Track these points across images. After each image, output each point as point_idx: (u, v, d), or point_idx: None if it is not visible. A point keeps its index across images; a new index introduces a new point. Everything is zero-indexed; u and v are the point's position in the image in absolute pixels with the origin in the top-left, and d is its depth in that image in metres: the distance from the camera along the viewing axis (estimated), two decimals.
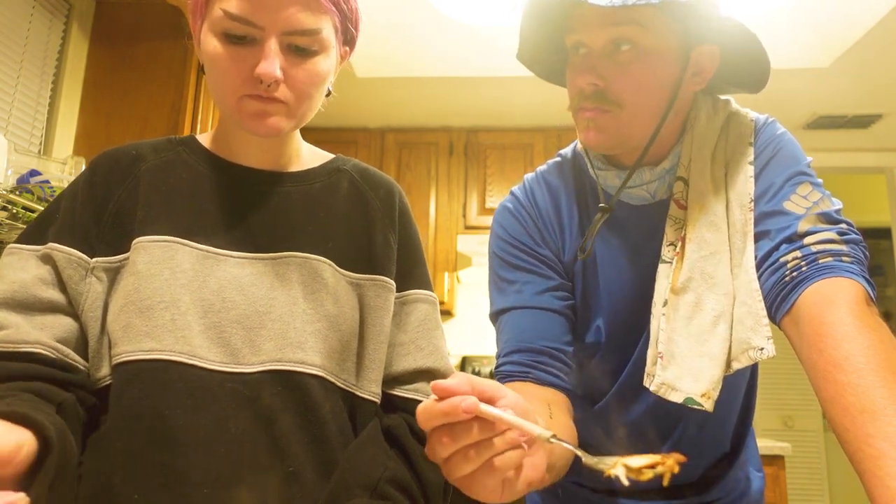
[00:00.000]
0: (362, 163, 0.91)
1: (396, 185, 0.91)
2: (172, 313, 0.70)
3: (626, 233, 0.90)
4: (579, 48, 0.82)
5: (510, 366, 0.85)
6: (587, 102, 0.81)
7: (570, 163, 0.97)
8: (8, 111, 2.02)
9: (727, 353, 0.79)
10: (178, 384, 0.68)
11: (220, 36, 0.72)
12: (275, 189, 0.81)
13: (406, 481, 0.73)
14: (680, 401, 0.79)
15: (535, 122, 3.36)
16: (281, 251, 0.77)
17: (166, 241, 0.73)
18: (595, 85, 0.80)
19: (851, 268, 0.73)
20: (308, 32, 0.72)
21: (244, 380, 0.70)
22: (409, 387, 0.81)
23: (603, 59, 0.80)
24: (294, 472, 0.69)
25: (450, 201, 3.36)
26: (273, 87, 0.71)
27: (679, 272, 0.82)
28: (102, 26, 2.32)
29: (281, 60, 0.72)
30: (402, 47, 2.75)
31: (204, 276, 0.73)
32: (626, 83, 0.80)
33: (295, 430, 0.71)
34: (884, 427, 0.58)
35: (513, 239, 0.93)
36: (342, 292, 0.78)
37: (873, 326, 0.67)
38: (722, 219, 0.83)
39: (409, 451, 0.75)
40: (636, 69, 0.79)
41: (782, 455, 2.57)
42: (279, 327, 0.73)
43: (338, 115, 3.34)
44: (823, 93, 3.03)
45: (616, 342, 0.91)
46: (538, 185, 0.96)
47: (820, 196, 0.80)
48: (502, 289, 0.92)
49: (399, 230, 0.87)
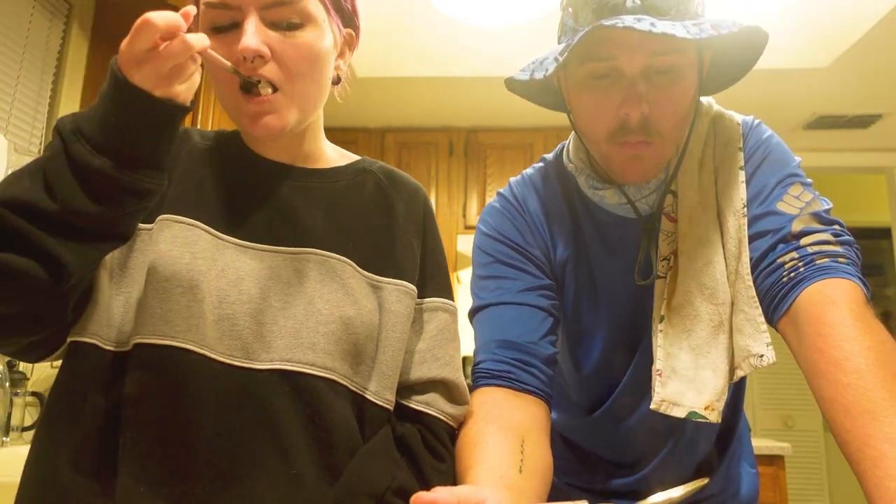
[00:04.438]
0: (389, 165, 0.90)
1: (422, 190, 0.89)
2: (188, 299, 0.69)
3: (621, 246, 0.89)
4: (607, 75, 0.77)
5: (490, 363, 0.83)
6: (634, 135, 0.77)
7: (554, 169, 0.95)
8: (8, 111, 2.02)
9: (729, 362, 0.79)
10: (187, 375, 0.67)
11: (207, 31, 0.72)
12: (299, 184, 0.80)
13: (414, 492, 0.72)
14: (682, 416, 0.78)
15: (535, 122, 3.36)
16: (301, 247, 0.76)
17: (191, 224, 0.73)
18: (643, 115, 0.76)
19: (848, 269, 0.73)
20: (286, 2, 0.71)
21: (253, 377, 0.70)
22: (421, 398, 0.79)
23: (642, 85, 0.76)
24: (297, 475, 0.69)
25: (450, 201, 3.36)
26: (259, 63, 0.70)
27: (674, 286, 0.82)
28: (102, 26, 2.32)
29: (265, 36, 0.70)
30: (402, 47, 2.75)
31: (223, 265, 0.72)
32: (667, 110, 0.77)
33: (300, 432, 0.70)
34: (884, 428, 0.58)
35: (500, 235, 0.91)
36: (361, 294, 0.76)
37: (873, 327, 0.67)
38: (714, 228, 0.82)
39: (420, 461, 0.74)
40: (676, 93, 0.77)
41: (782, 455, 2.57)
42: (292, 325, 0.72)
43: (338, 115, 3.34)
44: (823, 93, 3.03)
45: (610, 356, 0.91)
46: (526, 188, 0.95)
47: (811, 196, 0.80)
48: (484, 286, 0.89)
49: (424, 235, 0.85)
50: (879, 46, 2.61)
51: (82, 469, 0.67)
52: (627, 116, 0.77)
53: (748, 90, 2.00)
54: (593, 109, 0.80)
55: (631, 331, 0.89)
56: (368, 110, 3.34)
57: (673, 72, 0.76)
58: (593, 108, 0.80)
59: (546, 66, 0.78)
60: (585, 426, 0.95)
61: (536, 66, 0.80)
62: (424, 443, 0.76)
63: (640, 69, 0.76)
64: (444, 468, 0.76)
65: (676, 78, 0.77)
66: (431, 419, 0.78)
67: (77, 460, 0.67)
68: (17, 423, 1.92)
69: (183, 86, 0.63)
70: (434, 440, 0.77)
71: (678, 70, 0.77)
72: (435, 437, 0.77)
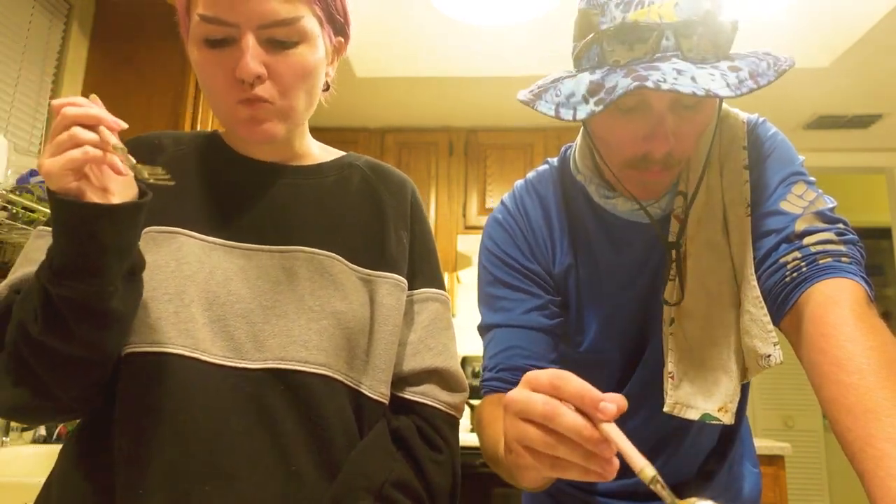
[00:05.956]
0: (375, 159, 0.90)
1: (409, 181, 0.89)
2: (176, 305, 0.69)
3: (629, 247, 0.89)
4: (636, 107, 0.75)
5: (497, 382, 0.85)
6: (655, 167, 0.77)
7: (558, 173, 0.95)
8: (8, 111, 2.01)
9: (740, 363, 0.79)
10: (181, 378, 0.67)
11: (200, 43, 0.71)
12: (284, 182, 0.80)
13: (412, 485, 0.72)
14: (696, 418, 0.79)
15: (535, 122, 3.35)
16: (289, 245, 0.76)
17: (172, 231, 0.73)
18: (668, 152, 0.76)
19: (851, 268, 0.73)
20: (285, 22, 0.70)
21: (247, 376, 0.70)
22: (417, 389, 0.80)
23: (670, 120, 0.75)
24: (296, 472, 0.69)
25: (450, 201, 3.36)
26: (256, 84, 0.70)
27: (683, 289, 0.82)
28: (102, 26, 2.32)
29: (262, 56, 0.70)
30: (402, 47, 2.74)
31: (210, 267, 0.72)
32: (690, 140, 0.78)
33: (297, 429, 0.70)
34: (886, 428, 0.58)
35: (502, 253, 0.92)
36: (351, 288, 0.76)
37: (876, 327, 0.67)
38: (721, 230, 0.82)
39: (416, 453, 0.74)
40: (700, 121, 0.77)
41: (782, 455, 2.57)
42: (284, 324, 0.72)
43: (338, 115, 3.34)
44: (823, 93, 3.03)
45: (617, 357, 0.91)
46: (529, 196, 0.95)
47: (815, 195, 0.80)
48: (490, 305, 0.91)
49: (412, 227, 0.85)
50: (880, 46, 2.61)
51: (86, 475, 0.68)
52: (651, 152, 0.76)
53: None
54: (617, 138, 0.78)
55: (637, 332, 0.89)
56: (368, 110, 3.34)
57: (700, 103, 0.76)
58: (617, 136, 0.78)
59: (574, 104, 0.74)
60: None
61: (562, 102, 0.75)
62: (421, 434, 0.76)
63: (668, 104, 0.74)
64: (442, 458, 0.76)
65: (703, 107, 0.77)
66: (428, 409, 0.78)
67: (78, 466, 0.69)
68: (17, 424, 1.92)
69: (80, 183, 0.60)
70: (431, 430, 0.77)
71: (705, 101, 0.76)
72: (432, 427, 0.77)
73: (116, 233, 0.61)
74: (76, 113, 0.59)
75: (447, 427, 0.79)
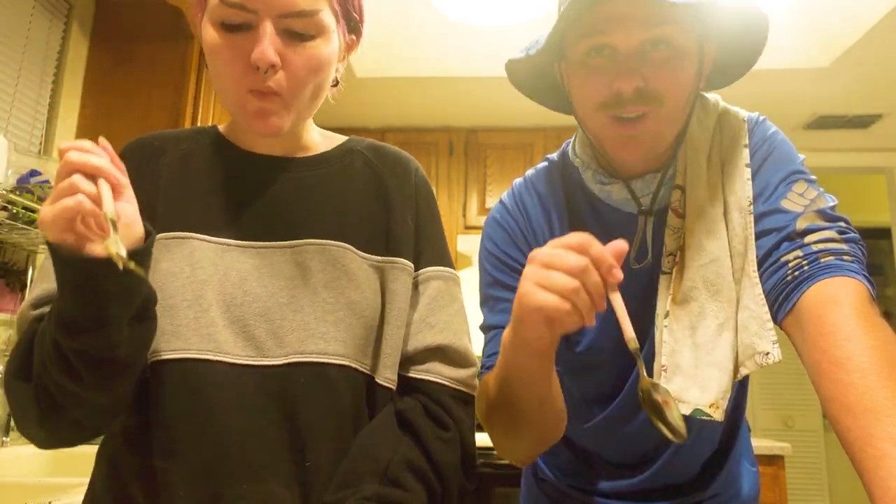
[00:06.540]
0: (377, 141, 0.89)
1: (412, 161, 0.88)
2: (195, 311, 0.70)
3: None
4: (602, 51, 0.78)
5: None
6: (631, 105, 0.77)
7: (558, 169, 0.95)
8: (8, 111, 2.01)
9: (734, 360, 0.79)
10: (208, 382, 0.68)
11: (217, 25, 0.71)
12: (289, 175, 0.80)
13: (418, 464, 0.72)
14: (688, 412, 0.78)
15: (535, 122, 3.35)
16: (299, 238, 0.76)
17: (184, 236, 0.74)
18: (637, 87, 0.76)
19: (853, 267, 0.73)
20: (304, 14, 0.71)
21: (270, 372, 0.71)
22: (421, 367, 0.79)
23: (638, 59, 0.77)
24: (314, 466, 0.70)
25: (450, 201, 3.36)
26: (270, 73, 0.70)
27: (679, 282, 0.82)
28: (102, 26, 2.32)
29: (278, 45, 0.70)
30: (402, 47, 2.74)
31: (224, 269, 0.73)
32: (666, 78, 0.77)
33: (317, 421, 0.71)
34: (887, 427, 0.58)
35: (502, 254, 0.92)
36: (363, 277, 0.77)
37: (877, 326, 0.66)
38: (720, 225, 0.82)
39: (421, 433, 0.74)
40: (673, 65, 0.77)
41: (782, 455, 2.57)
42: (301, 318, 0.73)
43: (338, 115, 3.34)
44: (823, 93, 3.03)
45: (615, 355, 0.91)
46: (528, 193, 0.95)
47: (816, 193, 0.80)
48: (491, 307, 0.92)
49: (417, 207, 0.85)
50: (880, 46, 2.61)
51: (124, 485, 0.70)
52: (621, 89, 0.77)
53: (749, 90, 2.00)
54: (586, 84, 0.80)
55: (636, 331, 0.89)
56: (368, 110, 3.34)
57: (670, 45, 0.76)
58: (587, 82, 0.80)
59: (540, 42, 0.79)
60: (589, 427, 0.94)
61: (532, 44, 0.81)
62: (427, 411, 0.76)
63: (635, 45, 0.76)
64: (449, 436, 0.76)
65: (675, 53, 0.77)
66: (433, 386, 0.78)
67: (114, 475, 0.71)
68: None
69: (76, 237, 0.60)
70: (437, 408, 0.76)
71: (675, 44, 0.77)
72: (438, 404, 0.77)
73: (121, 285, 0.61)
74: (77, 161, 0.59)
75: (455, 403, 0.78)
